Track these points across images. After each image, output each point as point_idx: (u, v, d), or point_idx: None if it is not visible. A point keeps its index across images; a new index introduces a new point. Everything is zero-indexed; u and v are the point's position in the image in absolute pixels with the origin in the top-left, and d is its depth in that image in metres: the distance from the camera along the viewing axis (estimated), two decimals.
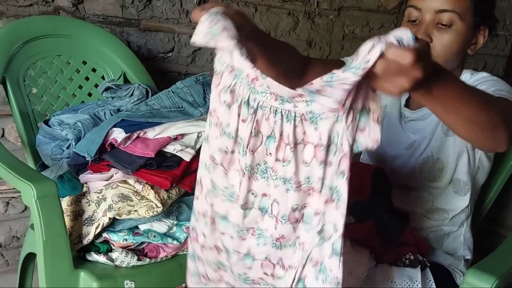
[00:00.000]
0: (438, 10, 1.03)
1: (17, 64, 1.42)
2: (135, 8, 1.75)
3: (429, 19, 1.04)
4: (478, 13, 1.05)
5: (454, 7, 1.02)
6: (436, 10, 1.03)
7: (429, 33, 1.05)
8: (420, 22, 1.06)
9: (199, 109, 1.35)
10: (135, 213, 1.22)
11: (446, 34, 1.04)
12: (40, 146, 1.39)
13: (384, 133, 1.17)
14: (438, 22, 1.04)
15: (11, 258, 1.77)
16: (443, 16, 1.03)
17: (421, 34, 1.04)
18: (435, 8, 1.03)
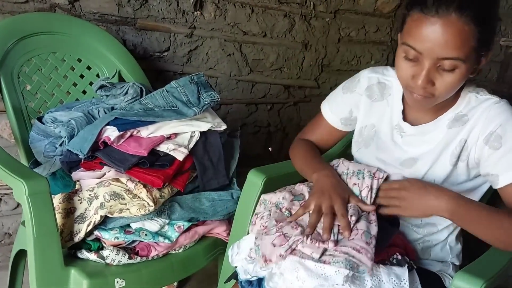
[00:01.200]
0: (440, 58, 0.93)
1: (12, 61, 1.42)
2: (131, 7, 1.75)
3: (430, 64, 0.94)
4: (483, 49, 0.96)
5: (458, 54, 0.92)
6: (439, 57, 0.93)
7: (431, 78, 0.96)
8: (420, 63, 0.96)
9: (193, 108, 1.35)
10: (127, 212, 1.22)
11: (449, 77, 0.95)
12: (33, 143, 1.39)
13: (375, 151, 1.17)
14: (440, 66, 0.94)
15: (2, 255, 1.77)
16: (446, 62, 0.93)
17: (424, 81, 0.96)
18: (437, 56, 0.93)
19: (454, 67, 0.94)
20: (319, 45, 2.27)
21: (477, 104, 1.05)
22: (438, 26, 0.91)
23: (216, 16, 1.94)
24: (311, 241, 0.94)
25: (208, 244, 1.41)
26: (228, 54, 2.03)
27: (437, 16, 0.91)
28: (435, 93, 0.98)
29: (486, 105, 1.03)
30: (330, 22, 2.25)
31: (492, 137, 1.00)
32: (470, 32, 0.91)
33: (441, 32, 0.91)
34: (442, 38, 0.91)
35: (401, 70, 1.00)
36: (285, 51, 2.18)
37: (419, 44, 0.94)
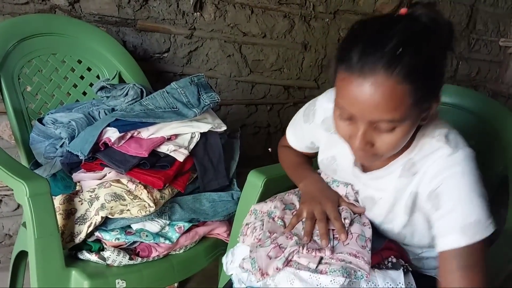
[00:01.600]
0: (373, 121, 0.83)
1: (12, 62, 1.43)
2: (132, 8, 1.75)
3: (365, 127, 0.84)
4: (424, 102, 0.84)
5: (393, 117, 0.81)
6: (371, 121, 0.83)
7: (369, 140, 0.86)
8: (355, 123, 0.86)
9: (193, 109, 1.36)
10: (128, 213, 1.22)
11: (388, 137, 0.85)
12: (34, 144, 1.39)
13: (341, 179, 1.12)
14: (377, 127, 0.84)
15: (3, 256, 1.77)
16: (382, 124, 0.83)
17: (360, 143, 0.85)
18: (370, 120, 0.82)
19: (392, 128, 0.83)
20: (319, 45, 2.27)
21: (430, 152, 0.92)
22: (366, 87, 0.79)
23: (216, 17, 1.94)
24: (307, 250, 0.93)
25: (208, 244, 1.41)
26: (228, 55, 2.03)
27: (363, 76, 0.79)
28: (378, 153, 0.88)
29: (436, 156, 0.90)
30: (330, 22, 2.25)
31: (433, 194, 0.90)
32: (404, 91, 0.79)
33: (370, 94, 0.79)
34: (372, 101, 0.79)
35: (338, 128, 0.91)
36: (285, 52, 2.18)
37: (349, 106, 0.83)
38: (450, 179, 0.87)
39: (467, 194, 0.86)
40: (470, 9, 2.72)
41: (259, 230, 1.04)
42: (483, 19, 2.80)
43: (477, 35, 2.81)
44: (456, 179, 0.87)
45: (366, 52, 0.79)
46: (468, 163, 0.88)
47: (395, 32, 0.79)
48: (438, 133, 0.92)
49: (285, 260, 0.93)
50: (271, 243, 0.97)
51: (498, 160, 1.34)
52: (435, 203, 0.89)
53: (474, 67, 2.89)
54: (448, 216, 0.87)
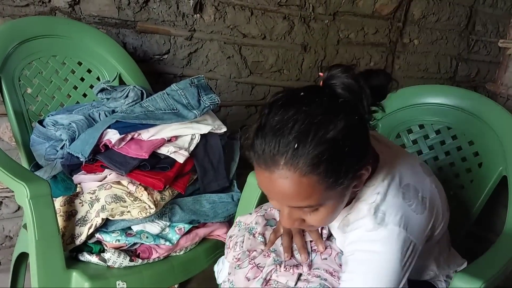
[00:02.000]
0: (292, 206, 0.82)
1: (13, 64, 1.43)
2: (131, 9, 1.76)
3: (288, 209, 0.84)
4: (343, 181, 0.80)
5: (309, 203, 0.80)
6: (291, 206, 0.83)
7: (296, 218, 0.85)
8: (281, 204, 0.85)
9: (193, 111, 1.36)
10: (128, 214, 1.22)
11: (316, 215, 0.84)
12: (34, 146, 1.40)
13: None
14: (301, 209, 0.83)
15: (3, 258, 1.77)
16: (302, 208, 0.82)
17: (288, 223, 0.85)
18: (288, 205, 0.83)
19: (315, 209, 0.82)
20: (318, 47, 2.27)
21: (359, 218, 0.89)
22: (274, 180, 0.78)
23: (215, 19, 1.94)
24: (285, 268, 0.93)
25: (208, 246, 1.41)
26: (227, 57, 2.04)
27: (269, 171, 0.78)
28: (311, 226, 0.88)
29: (359, 225, 0.88)
30: (329, 24, 2.26)
31: (343, 259, 0.90)
32: (311, 181, 0.76)
33: (279, 186, 0.78)
34: (283, 192, 0.78)
35: (271, 203, 0.89)
36: (284, 53, 2.19)
37: (266, 192, 0.84)
38: (361, 253, 0.85)
39: (370, 276, 0.84)
40: (469, 10, 2.73)
41: (239, 248, 1.04)
42: (482, 20, 2.81)
43: (476, 36, 2.82)
44: (366, 256, 0.85)
45: (268, 145, 0.78)
46: (387, 243, 0.84)
47: (295, 120, 0.77)
48: (373, 200, 0.88)
49: (263, 281, 0.93)
50: (249, 263, 0.98)
51: (498, 160, 1.35)
52: (343, 268, 0.89)
53: (474, 68, 2.90)
54: (347, 283, 0.85)
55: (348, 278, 0.86)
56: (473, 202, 1.37)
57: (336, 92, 0.81)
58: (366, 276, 0.84)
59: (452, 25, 2.69)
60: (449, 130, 1.48)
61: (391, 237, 0.84)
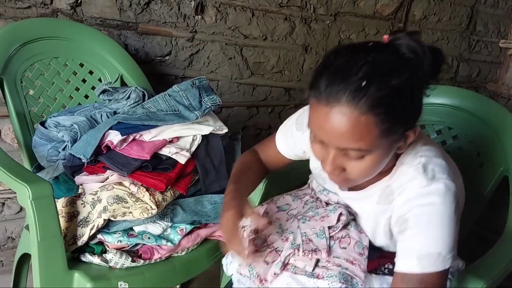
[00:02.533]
0: (341, 148, 0.84)
1: (15, 66, 1.44)
2: (133, 11, 1.76)
3: (335, 152, 0.85)
4: (394, 133, 0.84)
5: (359, 146, 0.82)
6: (339, 148, 0.84)
7: (339, 165, 0.87)
8: (326, 146, 0.86)
9: (195, 112, 1.36)
10: (130, 215, 1.23)
11: (358, 164, 0.85)
12: (36, 148, 1.40)
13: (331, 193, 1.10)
14: (346, 154, 0.85)
15: (6, 258, 1.78)
16: (350, 152, 0.84)
17: (330, 167, 0.86)
18: (338, 146, 0.84)
19: (361, 156, 0.84)
20: (320, 48, 2.28)
21: (406, 181, 0.91)
22: (332, 116, 0.80)
23: (217, 20, 1.95)
24: (303, 253, 0.93)
25: (210, 246, 1.41)
26: (229, 58, 2.04)
27: (330, 106, 0.80)
28: (350, 177, 0.89)
29: (411, 186, 0.90)
30: (330, 25, 2.26)
31: (400, 220, 0.90)
32: (368, 122, 0.79)
33: (336, 123, 0.80)
34: (338, 130, 0.81)
35: (313, 150, 0.92)
36: (285, 54, 2.19)
37: (318, 131, 0.85)
38: (419, 208, 0.87)
39: (433, 225, 0.86)
40: (470, 10, 2.73)
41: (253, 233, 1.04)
42: (483, 20, 2.80)
43: (478, 36, 2.81)
44: (426, 209, 0.87)
45: (333, 82, 0.80)
46: (442, 196, 0.86)
47: (363, 63, 0.80)
48: (418, 162, 0.91)
49: (281, 265, 0.93)
50: (268, 248, 0.98)
51: (499, 161, 1.35)
52: (402, 227, 0.89)
53: (475, 68, 2.89)
54: (410, 240, 0.87)
55: (412, 233, 0.87)
56: (475, 202, 1.37)
57: (401, 51, 0.84)
58: (430, 227, 0.86)
59: (453, 25, 2.69)
60: (450, 131, 1.48)
61: (446, 190, 0.87)
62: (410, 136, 0.88)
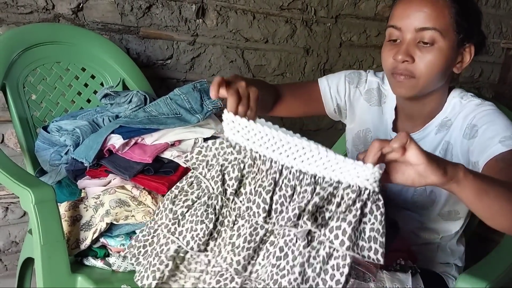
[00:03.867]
0: (418, 29, 0.99)
1: (17, 71, 1.44)
2: (134, 15, 1.77)
3: (410, 38, 1.01)
4: (461, 30, 1.01)
5: (435, 24, 0.98)
6: (417, 28, 0.99)
7: (411, 53, 1.00)
8: (401, 42, 1.02)
9: (196, 115, 1.37)
10: (132, 218, 1.23)
11: (428, 53, 1.00)
12: (39, 152, 1.41)
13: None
14: (420, 41, 1.00)
15: (10, 263, 1.78)
16: (424, 34, 0.99)
17: (403, 54, 1.00)
18: (416, 27, 0.99)
19: (432, 41, 0.99)
20: (321, 50, 2.28)
21: (461, 109, 1.08)
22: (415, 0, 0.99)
23: (218, 24, 1.95)
24: None
25: None
26: (230, 61, 2.05)
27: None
28: (416, 72, 1.01)
29: (467, 108, 1.07)
30: (332, 27, 2.26)
31: (467, 129, 1.03)
32: (445, 6, 0.99)
33: (417, 4, 0.99)
34: (419, 9, 0.99)
35: (385, 54, 1.06)
36: (287, 57, 2.20)
37: (399, 20, 1.01)
38: (482, 113, 1.03)
39: (498, 118, 1.01)
40: None
41: None
42: (485, 20, 2.80)
43: None
44: (488, 112, 1.03)
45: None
46: (496, 108, 1.05)
47: None
48: (465, 95, 1.10)
49: None
50: None
51: None
52: (473, 133, 1.02)
53: (477, 69, 2.89)
54: (485, 134, 0.99)
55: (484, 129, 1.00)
56: None
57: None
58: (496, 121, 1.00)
59: None
60: None
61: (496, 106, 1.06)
62: (468, 55, 1.05)
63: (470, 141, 1.02)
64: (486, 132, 0.99)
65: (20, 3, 1.56)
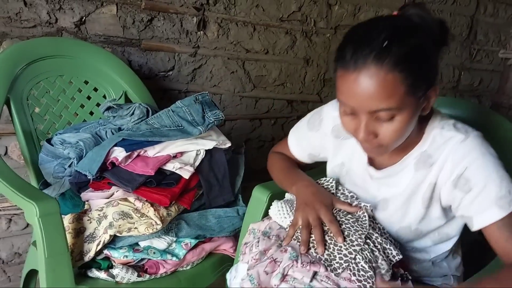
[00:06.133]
0: (372, 111, 0.89)
1: (21, 85, 1.46)
2: (136, 28, 1.79)
3: (366, 118, 0.90)
4: (419, 89, 0.90)
5: (389, 105, 0.87)
6: (370, 111, 0.89)
7: (372, 130, 0.92)
8: (358, 117, 0.92)
9: (198, 127, 1.38)
10: (135, 230, 1.24)
11: (390, 126, 0.90)
12: (43, 164, 1.42)
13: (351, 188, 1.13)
14: (378, 117, 0.90)
15: (13, 274, 1.79)
16: (380, 114, 0.89)
17: (364, 133, 0.91)
18: (369, 110, 0.89)
19: (391, 117, 0.89)
20: (321, 60, 2.30)
21: (443, 142, 0.98)
22: (361, 80, 0.86)
23: (219, 35, 1.98)
24: (302, 264, 0.94)
25: (215, 260, 1.42)
26: (231, 72, 2.07)
27: (358, 71, 0.86)
28: (382, 143, 0.93)
29: (451, 144, 0.96)
30: (331, 37, 2.29)
31: (460, 180, 0.95)
32: (395, 79, 0.85)
33: (365, 86, 0.86)
34: (368, 92, 0.87)
35: (344, 124, 0.97)
36: (287, 67, 2.22)
37: (349, 100, 0.90)
38: (474, 162, 0.93)
39: (493, 171, 0.92)
40: (470, 20, 2.75)
41: (255, 249, 1.05)
42: (483, 29, 2.82)
43: (479, 46, 2.83)
44: (480, 160, 0.93)
45: (357, 49, 0.87)
46: (483, 143, 0.95)
47: (383, 28, 0.88)
48: (446, 123, 0.99)
49: (281, 276, 0.94)
50: (267, 258, 0.99)
51: None
52: (466, 187, 0.94)
53: (476, 77, 2.91)
54: (482, 194, 0.92)
55: (480, 188, 0.92)
56: None
57: (412, 20, 0.92)
58: (491, 176, 0.92)
59: (453, 35, 2.70)
60: None
61: (481, 139, 0.96)
62: (432, 96, 0.94)
63: (461, 193, 0.95)
64: (483, 192, 0.92)
65: (23, 17, 1.58)
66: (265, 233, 1.09)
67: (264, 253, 1.01)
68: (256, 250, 1.04)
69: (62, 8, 1.64)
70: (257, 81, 2.15)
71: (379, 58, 0.85)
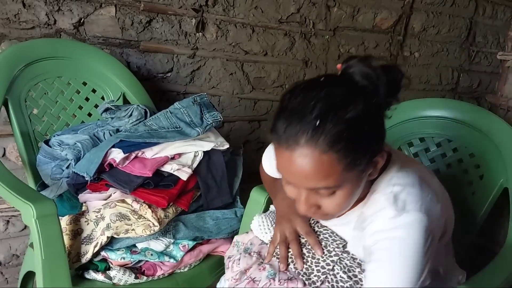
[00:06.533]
0: (311, 188, 0.84)
1: (19, 86, 1.46)
2: (135, 29, 1.79)
3: (306, 192, 0.85)
4: (361, 162, 0.82)
5: (327, 184, 0.82)
6: (309, 188, 0.84)
7: (313, 203, 0.87)
8: (298, 188, 0.87)
9: (196, 129, 1.38)
10: (133, 232, 1.24)
11: (332, 200, 0.85)
12: (41, 166, 1.42)
13: None
14: (318, 192, 0.85)
15: (10, 276, 1.78)
16: (320, 191, 0.84)
17: (305, 206, 0.86)
18: (306, 187, 0.84)
19: (332, 192, 0.84)
20: (319, 62, 2.30)
21: (377, 210, 0.88)
22: (294, 159, 0.81)
23: (217, 37, 1.97)
24: (279, 282, 0.93)
25: (213, 262, 1.42)
26: (230, 73, 2.07)
27: (290, 149, 0.81)
28: (326, 213, 0.89)
29: (380, 215, 0.87)
30: (330, 39, 2.28)
31: (367, 250, 0.88)
32: (331, 160, 0.79)
33: (300, 165, 0.81)
34: (302, 171, 0.81)
35: (286, 191, 0.91)
36: (286, 69, 2.21)
37: (286, 175, 0.85)
38: (386, 241, 0.85)
39: (398, 261, 0.83)
40: (469, 22, 2.75)
41: (236, 267, 1.04)
42: (482, 31, 2.83)
43: (477, 47, 2.83)
44: (390, 243, 0.84)
45: (289, 124, 0.81)
46: (410, 229, 0.83)
47: (316, 101, 0.80)
48: (390, 190, 0.89)
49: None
50: (246, 278, 0.98)
51: (498, 172, 1.35)
52: (367, 259, 0.88)
53: (475, 79, 2.91)
54: (375, 273, 0.85)
55: (374, 267, 0.85)
56: (476, 214, 1.38)
57: (355, 80, 0.84)
58: (393, 263, 0.83)
59: (452, 37, 2.71)
60: (450, 143, 1.49)
61: (414, 223, 0.83)
62: (379, 162, 0.87)
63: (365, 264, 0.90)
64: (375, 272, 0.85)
65: (22, 19, 1.58)
66: (246, 249, 1.08)
67: (244, 273, 1.01)
68: (237, 269, 1.04)
69: (61, 10, 1.64)
70: (255, 82, 2.15)
71: (312, 137, 0.79)
